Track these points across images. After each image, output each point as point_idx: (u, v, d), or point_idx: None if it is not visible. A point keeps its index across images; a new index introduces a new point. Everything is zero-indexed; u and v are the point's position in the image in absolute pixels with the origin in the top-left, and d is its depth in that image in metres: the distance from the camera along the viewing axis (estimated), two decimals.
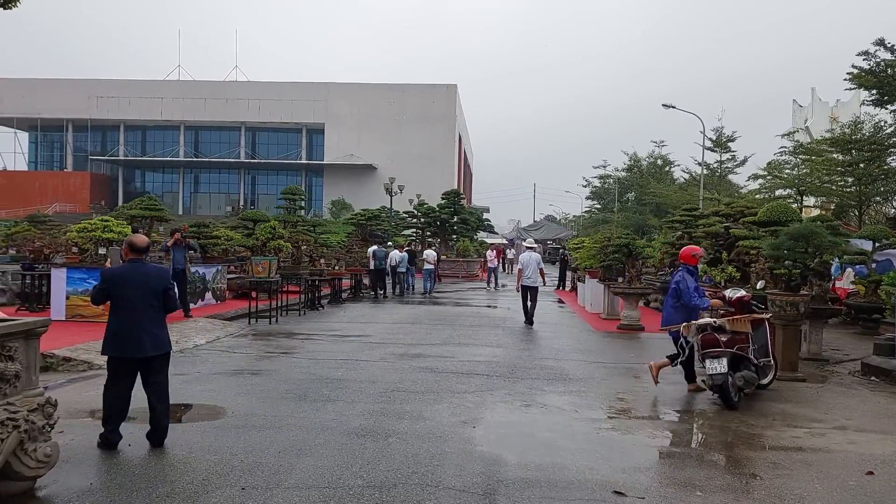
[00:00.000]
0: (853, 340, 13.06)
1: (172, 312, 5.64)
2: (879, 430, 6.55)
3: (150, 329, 5.32)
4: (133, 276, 5.38)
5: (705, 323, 7.62)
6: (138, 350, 5.29)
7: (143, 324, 5.29)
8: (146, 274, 5.39)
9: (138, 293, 5.30)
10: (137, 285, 5.31)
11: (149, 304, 5.33)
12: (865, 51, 18.15)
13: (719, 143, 35.88)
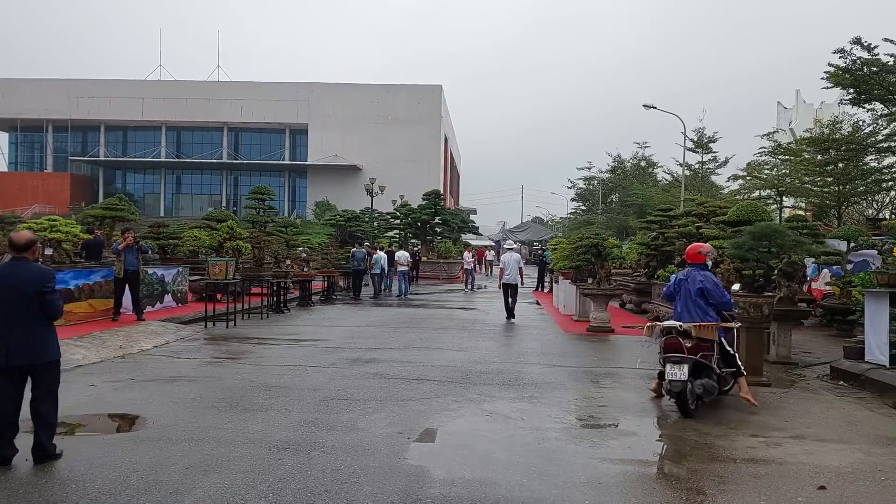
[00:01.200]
0: (826, 343, 12.77)
1: (55, 319, 5.12)
2: (839, 440, 6.20)
3: (21, 336, 4.86)
4: (4, 276, 4.92)
5: (671, 325, 7.23)
6: (3, 358, 4.84)
7: (11, 329, 4.84)
8: (18, 276, 4.92)
9: (6, 296, 4.85)
10: (5, 287, 4.85)
11: (20, 308, 4.87)
12: (842, 49, 17.92)
13: (700, 144, 35.73)
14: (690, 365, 6.87)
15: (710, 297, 7.29)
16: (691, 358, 6.90)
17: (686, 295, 7.36)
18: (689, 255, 7.70)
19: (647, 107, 32.64)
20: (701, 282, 7.33)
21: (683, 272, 7.58)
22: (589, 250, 13.86)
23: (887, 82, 18.39)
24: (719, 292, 7.34)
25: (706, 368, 7.07)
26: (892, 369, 8.67)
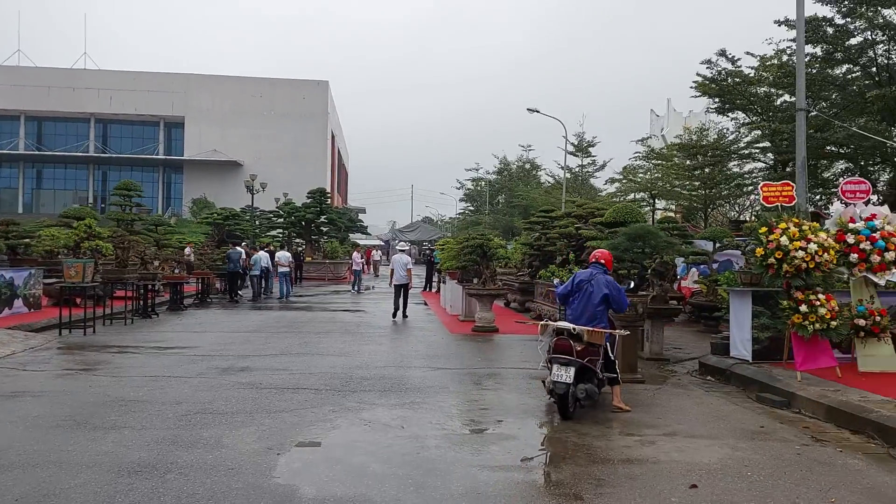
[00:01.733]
0: (695, 339, 13.41)
1: None
2: (708, 436, 6.38)
3: None
4: None
5: (564, 327, 7.14)
6: None
7: None
8: None
9: None
10: None
11: None
12: (708, 59, 19.06)
13: (581, 148, 37.05)
14: (577, 368, 6.81)
15: (613, 303, 7.34)
16: (579, 361, 6.83)
17: (586, 298, 7.30)
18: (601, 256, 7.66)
19: (531, 111, 33.42)
20: (606, 288, 7.31)
21: (585, 273, 7.55)
22: (474, 250, 13.84)
23: (748, 93, 19.68)
24: (621, 297, 7.42)
25: (591, 373, 7.02)
26: (754, 364, 9.14)
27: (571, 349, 6.88)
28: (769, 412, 7.46)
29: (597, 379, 7.07)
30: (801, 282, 8.14)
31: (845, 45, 16.48)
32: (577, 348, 6.89)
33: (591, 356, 6.97)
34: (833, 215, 8.99)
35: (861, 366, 8.52)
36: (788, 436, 6.45)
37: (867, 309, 8.59)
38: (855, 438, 6.41)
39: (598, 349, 7.03)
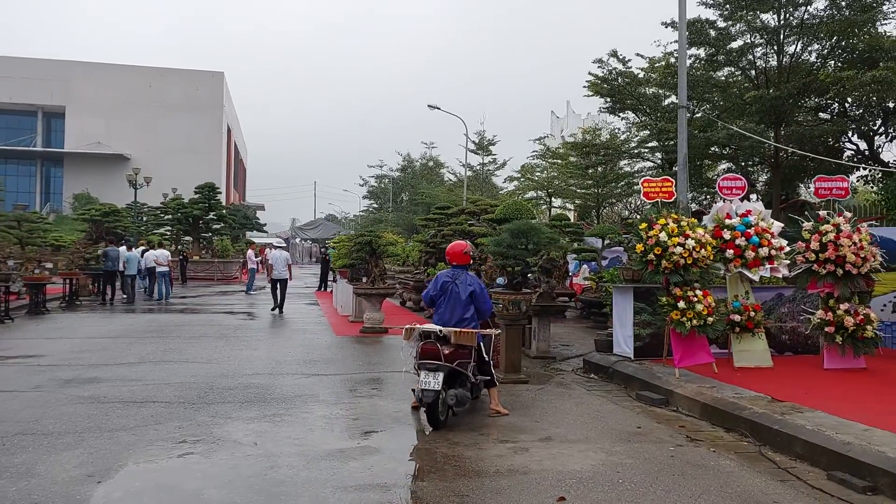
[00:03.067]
0: (584, 335, 13.38)
1: None
2: (584, 439, 6.10)
3: None
4: None
5: (430, 330, 6.68)
6: None
7: None
8: None
9: None
10: None
11: None
12: (600, 59, 19.29)
13: (481, 147, 37.12)
14: (446, 373, 6.40)
15: (477, 302, 6.89)
16: (447, 366, 6.41)
17: (454, 298, 6.84)
18: (453, 255, 7.18)
19: (432, 107, 33.13)
20: (471, 285, 6.88)
21: (447, 273, 7.11)
22: (363, 248, 13.25)
23: (637, 93, 20.08)
24: (485, 298, 7.00)
25: (462, 377, 6.62)
26: (636, 361, 9.06)
27: (439, 353, 6.40)
28: (647, 411, 7.32)
29: (469, 383, 6.68)
30: (679, 278, 8.08)
31: (727, 47, 17.04)
32: (446, 352, 6.42)
33: (462, 359, 6.53)
34: (711, 212, 9.04)
35: (736, 361, 8.58)
36: (664, 436, 6.29)
37: (742, 304, 8.66)
38: (728, 437, 6.32)
39: (468, 351, 6.62)
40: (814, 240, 8.61)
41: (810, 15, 15.97)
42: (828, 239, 8.52)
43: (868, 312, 8.55)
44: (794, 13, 16.11)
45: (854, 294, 8.69)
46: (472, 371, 6.71)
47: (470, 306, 6.81)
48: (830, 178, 9.25)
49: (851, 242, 8.48)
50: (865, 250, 8.56)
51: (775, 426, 6.06)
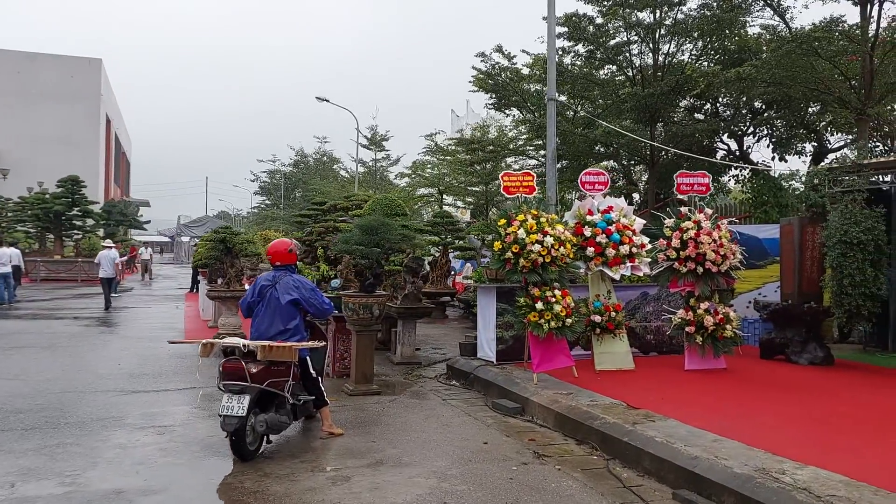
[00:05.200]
0: (462, 337, 12.82)
1: None
2: (420, 461, 5.42)
3: None
4: None
5: (233, 345, 5.62)
6: None
7: None
8: None
9: None
10: None
11: None
12: (482, 52, 18.85)
13: (374, 142, 36.20)
14: (254, 395, 5.38)
15: (309, 307, 6.00)
16: (255, 387, 5.39)
17: (273, 305, 5.91)
18: (276, 254, 6.18)
19: (320, 99, 31.90)
20: (294, 290, 5.95)
21: (267, 276, 6.18)
22: (216, 246, 12.09)
23: (522, 89, 19.83)
24: (318, 299, 6.07)
25: (277, 398, 5.65)
26: (498, 365, 8.53)
27: (244, 372, 5.39)
28: (501, 422, 6.76)
29: (289, 404, 5.75)
30: (537, 277, 7.58)
31: (606, 44, 17.02)
32: (253, 370, 5.40)
33: (276, 377, 5.56)
34: (573, 208, 8.63)
35: (597, 364, 8.20)
36: (510, 452, 5.71)
37: (603, 305, 8.29)
38: (579, 450, 5.83)
39: (286, 368, 5.66)
40: (675, 237, 8.37)
41: (684, 14, 16.18)
42: (688, 236, 8.29)
43: (728, 311, 8.39)
44: (669, 13, 16.27)
45: (714, 292, 8.51)
46: (291, 390, 5.78)
47: (294, 315, 5.91)
48: (692, 173, 9.06)
49: (711, 240, 8.28)
50: (725, 248, 8.39)
51: (625, 438, 5.61)
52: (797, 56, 13.10)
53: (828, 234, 9.12)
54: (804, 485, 4.32)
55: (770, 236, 11.30)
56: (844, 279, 8.87)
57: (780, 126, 18.64)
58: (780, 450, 5.03)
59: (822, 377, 8.17)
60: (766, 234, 11.74)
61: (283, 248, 6.19)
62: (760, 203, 14.94)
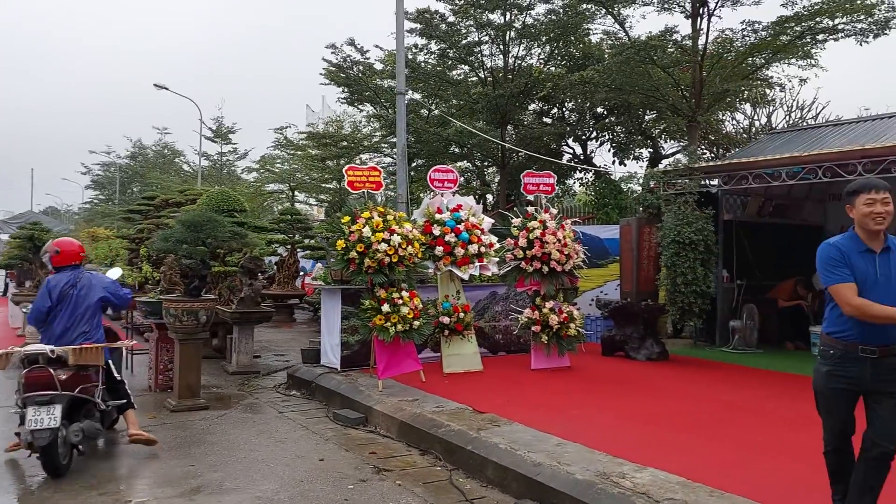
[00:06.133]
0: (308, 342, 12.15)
1: None
2: (242, 486, 4.81)
3: None
4: None
5: (38, 352, 4.99)
6: None
7: None
8: None
9: None
10: None
11: None
12: (334, 44, 18.20)
13: (220, 135, 34.21)
14: (66, 404, 4.83)
15: (117, 300, 5.63)
16: (67, 395, 4.88)
17: (79, 306, 5.30)
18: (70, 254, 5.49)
19: (159, 87, 29.60)
20: (102, 286, 5.50)
21: (60, 277, 5.40)
22: (24, 244, 10.59)
23: (375, 85, 19.40)
24: (119, 289, 5.72)
25: (89, 405, 5.13)
26: (342, 373, 8.03)
27: (54, 380, 4.84)
28: (341, 435, 6.28)
29: (99, 411, 5.20)
30: (383, 278, 7.17)
31: (458, 44, 17.01)
32: (63, 377, 4.91)
33: (87, 383, 5.12)
34: (421, 206, 8.33)
35: (445, 367, 7.94)
36: (348, 469, 5.25)
37: (452, 305, 8.05)
38: (423, 461, 5.49)
39: (94, 373, 5.20)
40: (522, 236, 8.29)
41: (533, 19, 16.52)
42: (534, 236, 8.25)
43: (572, 310, 8.45)
44: (518, 16, 16.54)
45: (559, 291, 8.54)
46: (101, 395, 5.21)
47: (97, 314, 5.45)
48: (538, 174, 9.08)
49: (556, 239, 8.29)
50: (569, 247, 8.44)
51: (469, 446, 5.34)
52: (635, 63, 13.72)
53: (662, 235, 9.52)
54: (643, 489, 4.23)
55: (611, 236, 11.66)
56: (678, 277, 9.27)
57: (620, 132, 19.61)
58: (621, 451, 4.96)
59: (658, 373, 8.44)
60: (607, 234, 12.14)
61: (76, 247, 5.67)
62: (602, 205, 15.56)
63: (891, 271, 3.36)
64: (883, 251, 3.39)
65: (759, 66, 15.00)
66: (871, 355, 3.30)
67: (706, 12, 13.23)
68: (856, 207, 3.40)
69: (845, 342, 3.38)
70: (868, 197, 3.35)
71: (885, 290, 3.31)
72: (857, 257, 3.37)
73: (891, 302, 3.26)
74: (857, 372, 3.35)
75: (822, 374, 3.51)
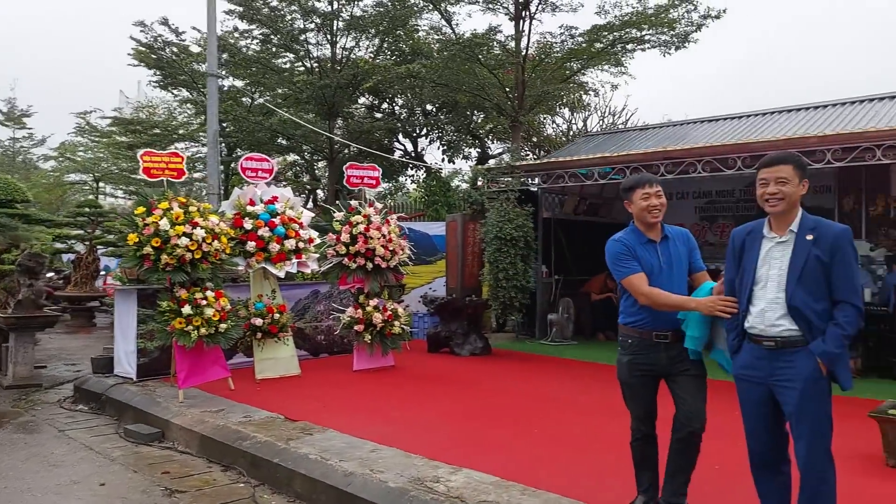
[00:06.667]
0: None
1: None
2: None
3: None
4: None
5: None
6: None
7: None
8: None
9: None
10: None
11: None
12: (142, 21, 16.57)
13: (12, 118, 30.23)
14: None
15: None
16: None
17: None
18: None
19: None
20: None
21: None
22: None
23: (191, 69, 18.01)
24: None
25: None
26: (138, 383, 7.16)
27: None
28: (131, 454, 5.52)
29: None
30: (184, 276, 6.45)
31: (283, 30, 16.19)
32: None
33: None
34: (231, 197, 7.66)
35: (258, 372, 7.36)
36: (133, 493, 4.58)
37: (266, 306, 7.48)
38: (224, 478, 4.94)
39: None
40: (344, 231, 7.91)
41: (361, 10, 16.14)
42: (358, 231, 7.89)
43: (396, 308, 8.21)
44: (346, 5, 16.08)
45: (384, 289, 8.26)
46: None
47: None
48: (363, 166, 8.74)
49: (381, 235, 8.00)
50: (394, 243, 8.19)
51: (276, 459, 4.87)
52: (461, 61, 13.83)
53: (486, 231, 9.58)
54: (457, 493, 4.04)
55: (439, 233, 11.63)
56: (499, 273, 9.38)
57: (449, 131, 19.81)
58: (438, 453, 4.76)
59: (481, 368, 8.44)
60: (435, 230, 12.10)
61: None
62: (432, 202, 15.58)
63: (672, 259, 3.49)
64: (663, 240, 3.53)
65: (576, 70, 15.77)
66: (664, 340, 3.42)
67: (528, 15, 13.63)
68: (633, 202, 3.50)
69: (640, 330, 3.48)
70: (644, 192, 3.45)
71: (669, 276, 3.45)
72: (641, 249, 3.48)
73: (675, 287, 3.43)
74: (654, 358, 3.45)
75: (623, 363, 3.60)
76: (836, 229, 2.95)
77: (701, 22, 13.62)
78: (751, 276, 3.07)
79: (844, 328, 2.86)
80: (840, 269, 2.89)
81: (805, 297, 2.90)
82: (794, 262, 2.95)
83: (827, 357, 2.86)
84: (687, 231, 3.69)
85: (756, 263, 3.06)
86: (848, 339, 2.88)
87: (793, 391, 2.91)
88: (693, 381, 3.42)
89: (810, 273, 2.90)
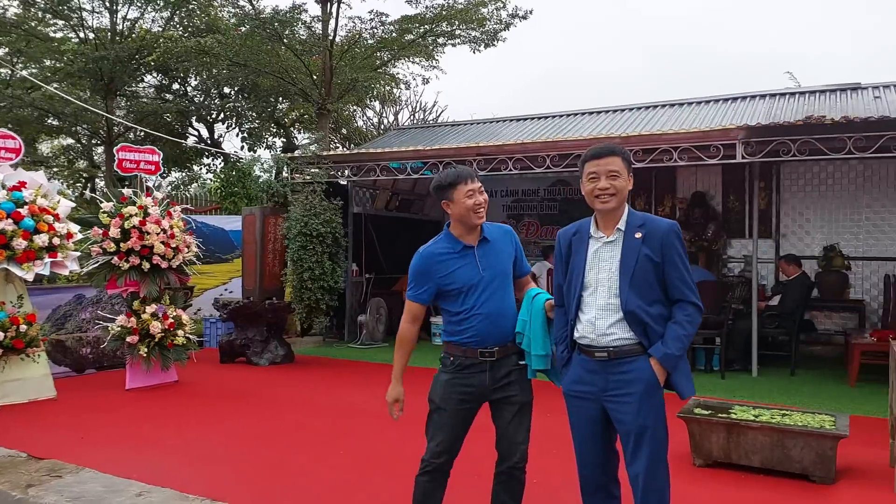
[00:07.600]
0: None
1: None
2: None
3: None
4: None
5: None
6: None
7: None
8: None
9: None
10: None
11: None
12: None
13: None
14: None
15: None
16: None
17: None
18: None
19: None
20: None
21: None
22: None
23: None
24: None
25: None
26: None
27: None
28: None
29: None
30: None
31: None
32: None
33: None
34: None
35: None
36: None
37: (9, 316, 6.07)
38: None
39: None
40: (114, 225, 6.68)
41: None
42: (132, 224, 6.71)
43: (180, 314, 7.13)
44: None
45: (165, 292, 7.14)
46: None
47: None
48: (139, 148, 7.49)
49: (161, 229, 6.88)
50: (178, 239, 7.09)
51: None
52: (262, 39, 12.77)
53: (289, 226, 8.77)
54: None
55: (237, 228, 10.55)
56: (304, 273, 8.62)
57: (251, 117, 18.50)
58: (223, 490, 3.98)
59: (281, 379, 7.62)
60: (232, 225, 11.01)
61: None
62: (230, 193, 14.31)
63: (494, 264, 3.00)
64: (481, 243, 3.02)
65: (387, 60, 15.33)
66: (489, 358, 2.94)
67: None
68: (455, 201, 2.95)
69: (464, 348, 2.97)
70: (468, 188, 2.93)
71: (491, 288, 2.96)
72: (456, 261, 2.98)
73: (501, 299, 2.97)
74: (478, 379, 2.96)
75: (440, 382, 3.06)
76: (663, 225, 2.69)
77: (509, 21, 13.80)
78: (579, 281, 2.72)
79: (685, 326, 2.61)
80: (673, 267, 2.65)
81: (639, 300, 2.60)
82: (624, 263, 2.65)
83: (668, 360, 2.58)
84: (509, 228, 3.22)
85: (584, 267, 2.73)
86: (689, 338, 2.64)
87: (629, 405, 2.60)
88: (516, 409, 2.96)
89: (642, 274, 2.62)
